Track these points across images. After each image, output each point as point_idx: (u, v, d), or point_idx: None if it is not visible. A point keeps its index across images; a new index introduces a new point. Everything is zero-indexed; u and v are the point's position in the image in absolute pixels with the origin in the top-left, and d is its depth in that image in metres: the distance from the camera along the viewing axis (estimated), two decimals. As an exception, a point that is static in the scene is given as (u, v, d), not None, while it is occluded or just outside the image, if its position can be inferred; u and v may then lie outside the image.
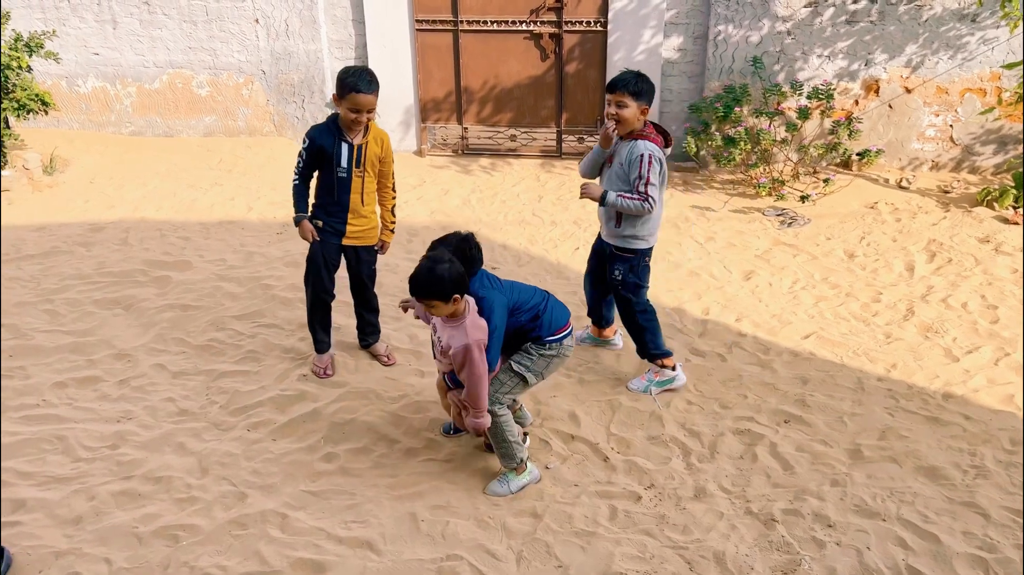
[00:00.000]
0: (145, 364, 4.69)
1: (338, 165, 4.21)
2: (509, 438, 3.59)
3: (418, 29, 8.68)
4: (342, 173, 4.23)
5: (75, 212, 7.28)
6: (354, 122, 4.11)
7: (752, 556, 3.27)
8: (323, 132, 4.20)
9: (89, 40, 9.12)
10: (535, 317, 3.57)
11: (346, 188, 4.27)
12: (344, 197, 4.29)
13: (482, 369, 3.34)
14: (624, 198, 4.10)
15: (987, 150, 8.08)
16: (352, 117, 4.08)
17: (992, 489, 3.65)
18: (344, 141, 4.19)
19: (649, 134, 4.19)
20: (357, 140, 4.22)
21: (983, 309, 5.37)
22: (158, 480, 3.68)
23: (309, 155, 4.23)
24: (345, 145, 4.19)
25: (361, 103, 4.04)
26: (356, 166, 4.25)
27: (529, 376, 3.59)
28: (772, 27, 7.99)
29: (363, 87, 4.01)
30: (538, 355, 3.60)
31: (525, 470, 3.69)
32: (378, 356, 4.78)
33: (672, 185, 8.09)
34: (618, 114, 4.08)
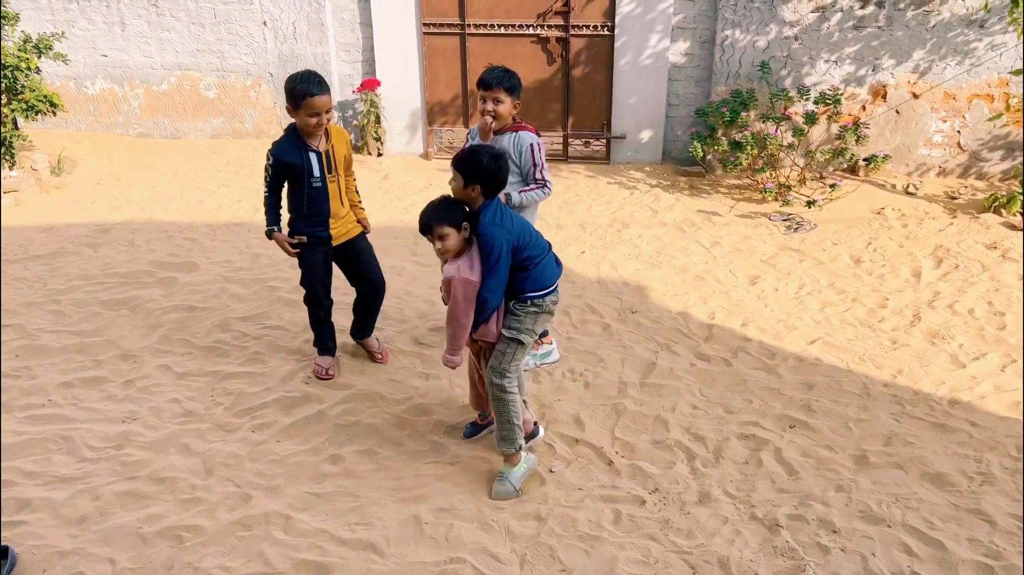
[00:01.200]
0: (150, 365, 4.70)
1: (311, 176, 4.14)
2: (514, 420, 3.62)
3: (425, 32, 8.70)
4: (316, 183, 4.16)
5: (82, 213, 7.31)
6: (316, 127, 4.04)
7: (756, 561, 3.26)
8: (287, 148, 4.11)
9: (97, 42, 9.16)
10: (525, 267, 3.51)
11: (324, 197, 4.21)
12: (324, 206, 4.23)
13: (463, 308, 3.42)
14: (526, 192, 4.28)
15: (995, 156, 8.06)
16: (313, 122, 4.01)
17: (998, 496, 3.63)
18: (311, 151, 4.12)
19: (524, 124, 4.37)
20: (322, 146, 4.16)
21: (990, 315, 5.35)
22: (162, 481, 3.69)
23: (275, 173, 4.16)
24: (313, 155, 4.13)
25: (318, 105, 3.97)
26: (328, 172, 4.20)
27: (523, 337, 3.59)
28: (779, 32, 7.99)
29: (316, 90, 3.96)
30: (524, 314, 3.57)
31: (520, 459, 3.70)
32: (372, 352, 4.79)
33: (678, 189, 8.09)
34: (495, 110, 4.22)
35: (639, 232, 6.97)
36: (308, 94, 3.95)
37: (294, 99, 3.99)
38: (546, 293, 3.59)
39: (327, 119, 4.08)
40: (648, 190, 8.06)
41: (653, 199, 7.81)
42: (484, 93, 4.23)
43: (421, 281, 5.92)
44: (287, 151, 4.11)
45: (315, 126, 4.05)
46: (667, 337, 5.13)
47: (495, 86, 4.18)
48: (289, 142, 4.13)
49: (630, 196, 7.90)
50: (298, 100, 3.97)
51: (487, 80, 4.20)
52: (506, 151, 4.26)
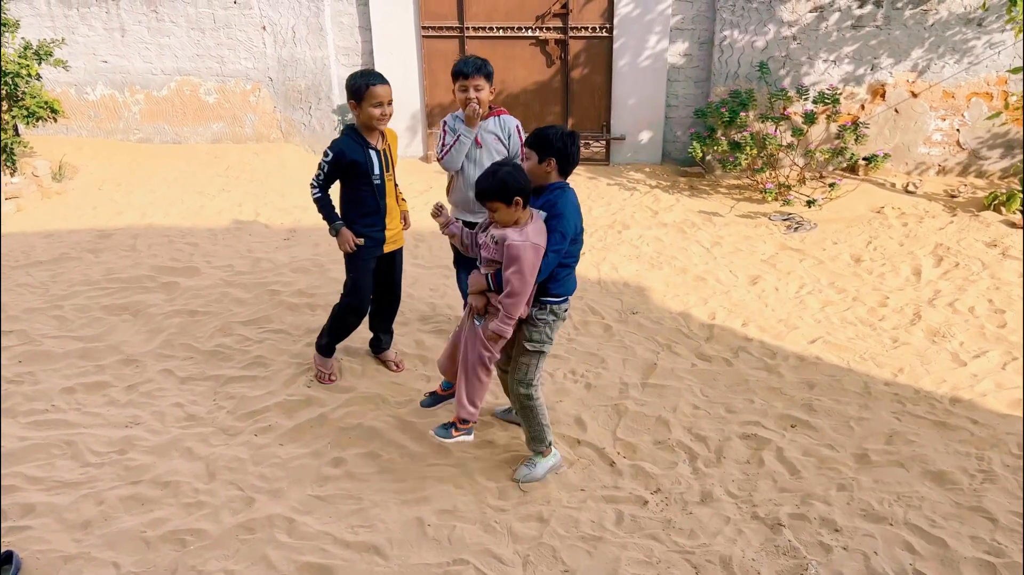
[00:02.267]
0: (153, 369, 4.72)
1: (373, 174, 4.18)
2: (542, 421, 3.70)
3: (424, 36, 8.72)
4: (377, 180, 4.19)
5: (84, 219, 7.33)
6: (380, 118, 4.08)
7: (759, 561, 3.27)
8: (350, 145, 4.12)
9: (98, 48, 9.18)
10: (564, 264, 3.50)
11: (383, 194, 4.24)
12: (382, 203, 4.25)
13: (529, 279, 3.34)
14: None
15: (994, 154, 8.06)
16: (377, 113, 4.05)
17: (1000, 494, 3.63)
18: (372, 149, 4.17)
19: (501, 109, 4.56)
20: (381, 145, 4.22)
21: (990, 313, 5.36)
22: (166, 485, 3.70)
23: (336, 169, 4.13)
24: (374, 153, 4.17)
25: (381, 95, 4.04)
26: (387, 171, 4.25)
27: (545, 347, 3.61)
28: (778, 32, 8.00)
29: (377, 80, 4.04)
30: (544, 324, 3.55)
31: (551, 453, 3.78)
32: (387, 362, 4.78)
33: (678, 190, 8.10)
34: (477, 97, 4.33)
35: (639, 233, 6.98)
36: (369, 84, 4.01)
37: (357, 93, 4.04)
38: (561, 300, 3.58)
39: (390, 112, 4.12)
40: (648, 191, 8.07)
41: (653, 200, 7.82)
42: (464, 83, 4.33)
43: (422, 283, 5.93)
44: (351, 148, 4.12)
45: (379, 117, 4.08)
46: (668, 338, 5.14)
47: (474, 74, 4.31)
48: (351, 140, 4.15)
49: (630, 197, 7.91)
50: (361, 92, 4.02)
51: (465, 70, 4.32)
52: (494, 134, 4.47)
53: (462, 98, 4.37)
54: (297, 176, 8.63)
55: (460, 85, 4.35)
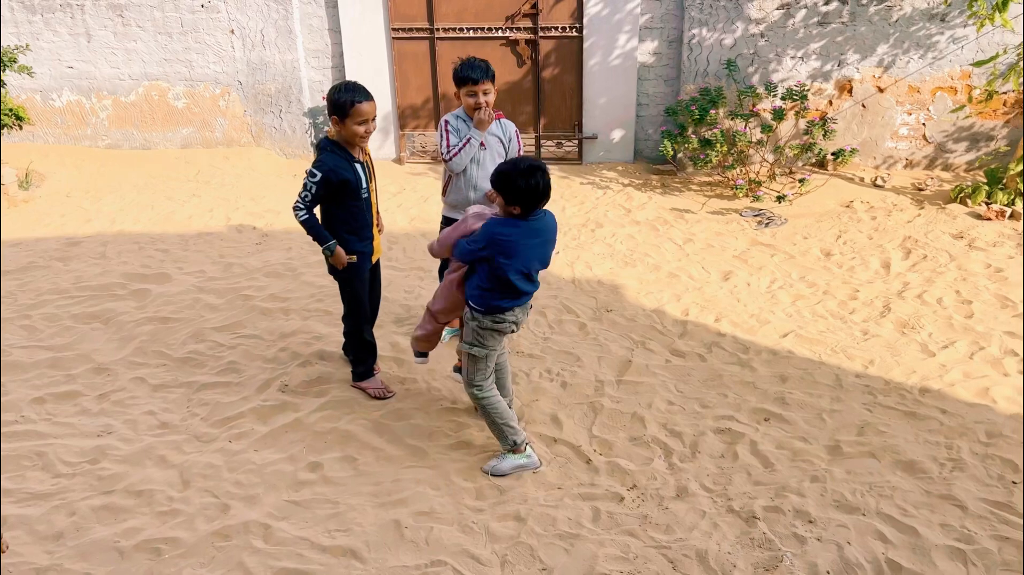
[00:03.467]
0: (125, 378, 4.67)
1: (361, 188, 4.10)
2: (497, 420, 3.74)
3: (394, 37, 8.70)
4: (364, 194, 4.13)
5: (51, 227, 7.23)
6: (364, 135, 3.99)
7: (734, 554, 3.30)
8: (338, 163, 4.00)
9: (63, 53, 9.07)
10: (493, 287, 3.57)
11: (370, 207, 4.20)
12: (370, 216, 4.21)
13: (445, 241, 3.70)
14: None
15: (959, 147, 8.19)
16: (362, 130, 3.96)
17: (969, 481, 3.69)
18: (357, 163, 4.08)
19: (498, 112, 4.56)
20: (363, 157, 4.15)
21: (958, 304, 5.44)
22: (139, 494, 3.67)
23: (324, 189, 3.98)
24: (360, 167, 4.09)
25: (367, 112, 3.95)
26: (370, 182, 4.20)
27: (475, 350, 3.68)
28: (746, 29, 8.07)
29: (363, 98, 3.93)
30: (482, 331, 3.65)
31: (524, 452, 3.81)
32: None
33: (650, 188, 8.15)
34: (487, 101, 4.34)
35: (613, 231, 7.01)
36: (355, 101, 3.90)
37: (340, 109, 3.91)
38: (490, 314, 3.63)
39: (373, 128, 4.05)
40: (621, 189, 8.11)
41: (626, 198, 7.85)
42: (472, 88, 4.28)
43: (396, 286, 5.92)
44: (339, 166, 4.00)
45: (363, 135, 4.00)
46: (642, 334, 5.16)
47: (482, 79, 4.26)
48: (338, 157, 4.02)
49: (603, 196, 7.94)
50: (345, 108, 3.91)
51: (473, 76, 4.25)
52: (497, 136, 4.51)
53: (470, 103, 4.33)
54: (268, 180, 8.57)
55: (468, 91, 4.29)
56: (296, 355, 4.87)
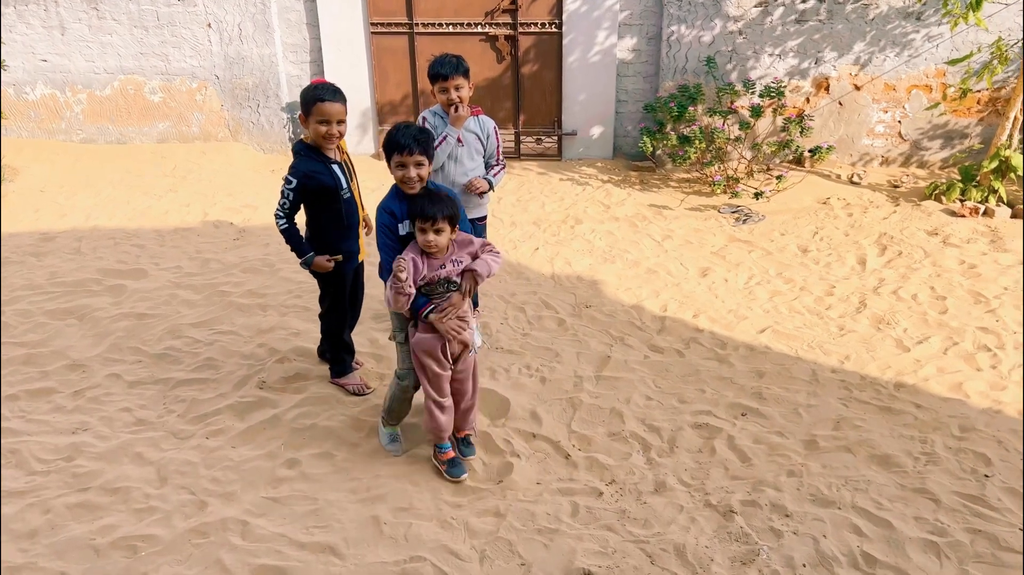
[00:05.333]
0: (100, 374, 4.62)
1: (341, 189, 4.02)
2: (392, 404, 3.91)
3: (373, 32, 8.66)
4: (346, 195, 4.05)
5: (25, 222, 7.14)
6: (325, 136, 3.86)
7: (712, 547, 3.32)
8: (312, 166, 3.94)
9: (36, 46, 8.95)
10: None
11: (353, 207, 4.12)
12: (355, 217, 4.15)
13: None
14: (497, 174, 4.61)
15: (934, 145, 8.28)
16: (323, 131, 3.85)
17: (942, 475, 3.74)
18: (334, 164, 4.00)
19: (476, 107, 4.57)
20: (340, 157, 4.06)
21: (932, 300, 5.51)
22: (115, 491, 3.63)
23: (303, 195, 3.96)
24: (337, 167, 4.01)
25: (328, 112, 3.82)
26: (351, 180, 4.12)
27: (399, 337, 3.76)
28: (724, 27, 8.11)
29: (328, 96, 3.82)
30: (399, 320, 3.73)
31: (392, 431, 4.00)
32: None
33: (629, 184, 8.17)
34: (459, 97, 4.33)
35: (592, 228, 7.03)
36: (319, 99, 3.80)
37: (305, 106, 3.85)
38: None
39: (339, 131, 3.91)
40: (600, 186, 8.12)
41: (605, 195, 7.87)
42: (444, 84, 4.28)
43: (375, 281, 5.87)
44: (316, 171, 3.94)
45: (324, 136, 3.87)
46: (621, 330, 5.18)
47: (453, 74, 4.25)
48: (312, 161, 3.95)
49: (582, 192, 7.96)
50: (309, 106, 3.83)
51: (443, 72, 4.26)
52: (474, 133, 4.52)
53: (443, 99, 4.33)
54: (246, 175, 8.51)
55: (440, 87, 4.29)
56: (274, 351, 4.85)
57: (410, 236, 3.54)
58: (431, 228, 3.39)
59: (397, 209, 3.55)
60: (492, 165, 4.66)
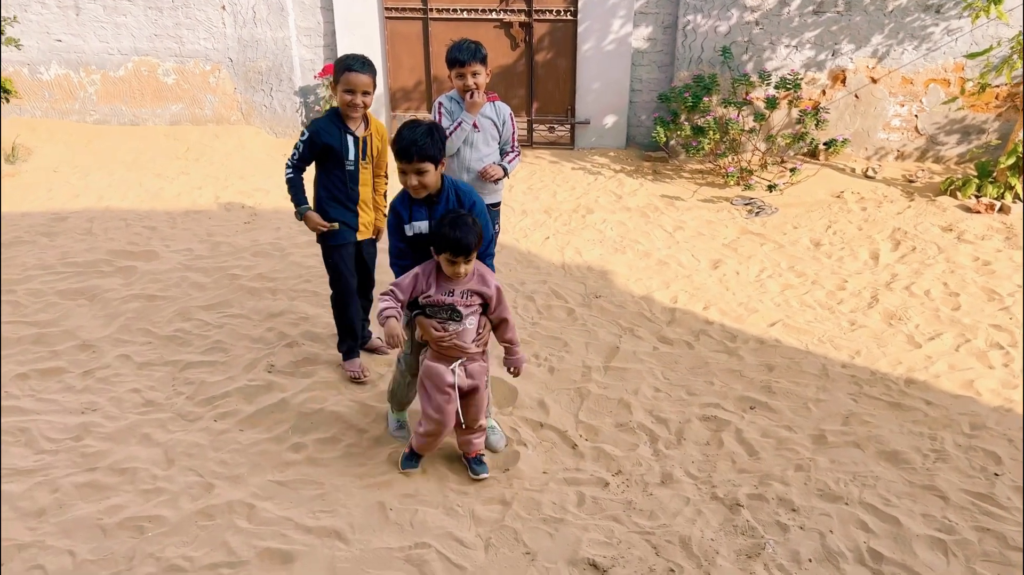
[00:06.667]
0: (110, 355, 4.64)
1: (346, 159, 4.12)
2: (393, 387, 3.92)
3: (387, 17, 8.63)
4: (350, 166, 4.14)
5: (38, 202, 7.17)
6: (349, 105, 4.01)
7: (717, 540, 3.31)
8: (327, 127, 4.09)
9: (51, 26, 8.95)
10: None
11: (355, 180, 4.19)
12: (354, 190, 4.20)
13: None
14: (512, 160, 4.59)
15: (951, 140, 8.20)
16: (348, 99, 4.00)
17: (951, 472, 3.72)
18: (350, 134, 4.11)
19: (492, 94, 4.53)
20: (361, 132, 4.15)
21: (945, 296, 5.46)
22: (123, 471, 3.65)
23: (310, 149, 4.10)
24: (351, 138, 4.11)
25: (353, 82, 3.97)
26: (362, 158, 4.18)
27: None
28: (741, 17, 8.04)
29: (356, 67, 3.96)
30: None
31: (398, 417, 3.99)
32: (375, 350, 4.71)
33: (641, 174, 8.13)
34: (476, 83, 4.31)
35: (603, 217, 7.00)
36: (348, 68, 3.96)
37: (336, 73, 4.00)
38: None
39: (363, 103, 4.04)
40: (612, 175, 8.09)
41: (617, 184, 7.84)
42: (461, 70, 4.28)
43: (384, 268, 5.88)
44: (326, 130, 4.09)
45: (349, 105, 4.01)
46: (630, 321, 5.16)
47: (471, 61, 4.25)
48: (329, 121, 4.11)
49: (594, 181, 7.93)
50: (338, 74, 3.98)
51: (461, 57, 4.25)
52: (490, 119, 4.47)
53: (460, 85, 4.33)
54: (258, 159, 8.51)
55: (457, 72, 4.29)
56: (283, 335, 4.85)
57: (418, 237, 3.50)
58: (463, 261, 3.30)
59: (405, 212, 3.52)
60: (507, 152, 4.64)
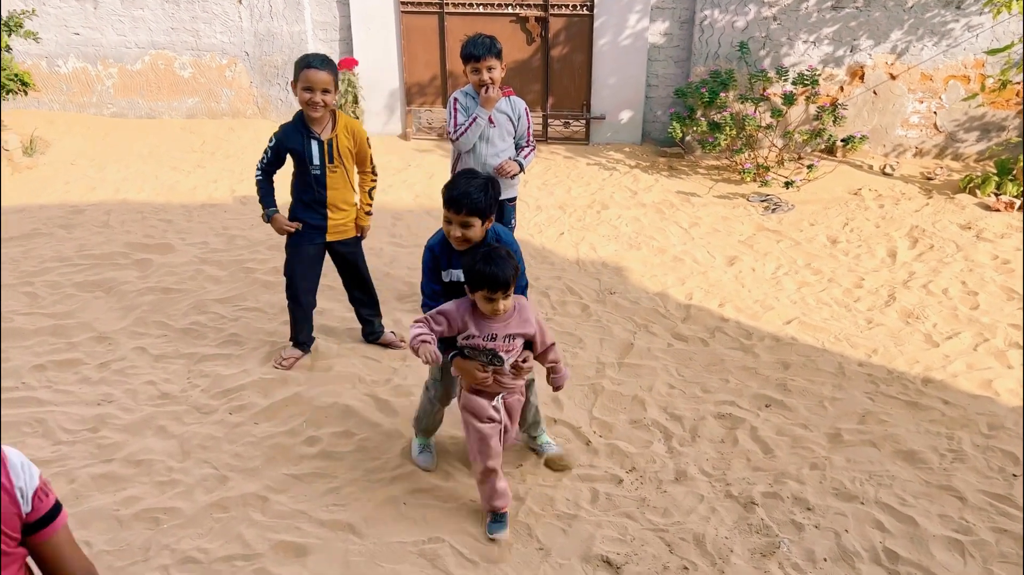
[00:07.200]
0: (126, 347, 4.67)
1: (311, 163, 4.11)
2: (418, 411, 3.72)
3: (404, 12, 8.62)
4: (316, 171, 4.13)
5: (55, 194, 7.21)
6: (309, 103, 3.96)
7: (732, 538, 3.30)
8: (291, 132, 4.10)
9: (69, 20, 9.00)
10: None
11: (322, 184, 4.17)
12: (321, 193, 4.19)
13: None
14: (527, 155, 4.58)
15: (970, 137, 8.12)
16: (307, 97, 3.94)
17: (969, 473, 3.68)
18: (313, 138, 4.08)
19: (508, 88, 4.55)
20: (325, 135, 4.10)
21: (963, 295, 5.41)
22: (139, 463, 3.67)
23: (276, 155, 4.16)
24: (314, 142, 4.08)
25: (311, 79, 3.91)
26: (329, 162, 4.13)
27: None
28: (758, 12, 7.99)
29: (316, 64, 3.92)
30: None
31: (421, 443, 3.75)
32: (389, 344, 4.70)
33: (657, 170, 8.10)
34: (491, 78, 4.32)
35: (618, 213, 6.98)
36: (307, 65, 3.93)
37: (295, 72, 3.98)
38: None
39: (323, 100, 3.98)
40: (627, 171, 8.06)
41: (632, 180, 7.81)
42: (476, 64, 4.29)
43: (399, 262, 5.90)
44: (289, 136, 4.10)
45: (308, 103, 3.97)
46: (645, 318, 5.15)
47: (486, 55, 4.25)
48: (293, 127, 4.11)
49: (609, 177, 7.90)
50: (297, 72, 3.96)
51: (476, 52, 4.26)
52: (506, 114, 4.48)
53: (475, 80, 4.35)
54: (274, 153, 8.52)
55: (472, 67, 4.31)
56: (298, 329, 4.86)
57: (455, 283, 3.31)
58: (502, 297, 3.03)
59: (444, 258, 3.32)
60: (523, 146, 4.63)
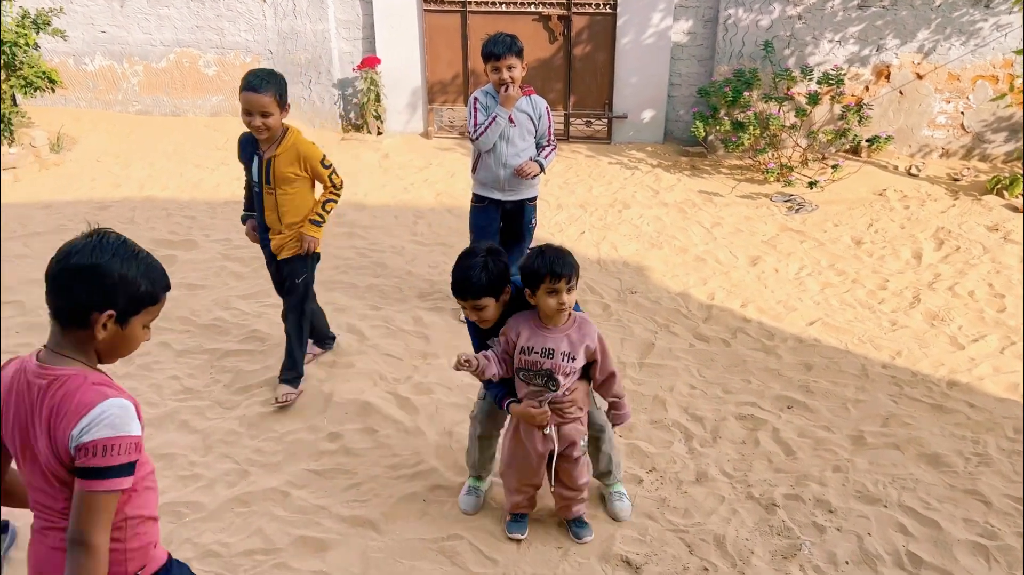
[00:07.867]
0: (150, 342, 4.70)
1: (253, 179, 3.92)
2: (469, 445, 3.50)
3: (426, 10, 8.64)
4: (256, 188, 3.92)
5: (81, 190, 7.29)
6: (249, 127, 3.70)
7: (752, 540, 3.28)
8: (244, 143, 3.91)
9: (96, 18, 9.10)
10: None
11: (260, 202, 3.95)
12: (260, 213, 3.98)
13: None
14: (548, 155, 4.58)
15: (998, 138, 8.01)
16: (245, 120, 3.67)
17: (994, 477, 3.64)
18: (256, 153, 3.84)
19: (528, 87, 4.55)
20: (268, 153, 3.81)
21: (990, 297, 5.35)
22: (161, 457, 3.70)
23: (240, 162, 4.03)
24: (256, 158, 3.85)
25: (250, 102, 3.59)
26: (266, 182, 3.86)
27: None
28: (783, 11, 7.93)
29: (253, 84, 3.58)
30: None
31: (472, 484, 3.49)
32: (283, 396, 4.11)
33: (679, 169, 8.06)
34: (511, 77, 4.32)
35: (640, 212, 6.95)
36: (244, 87, 3.61)
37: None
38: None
39: (264, 124, 3.66)
40: (649, 170, 8.03)
41: (654, 179, 7.78)
42: (496, 63, 4.29)
43: (420, 261, 5.91)
44: (243, 146, 3.94)
45: (249, 127, 3.71)
46: (666, 318, 5.12)
47: (506, 54, 4.26)
48: (247, 138, 3.90)
49: (631, 176, 7.87)
50: (240, 91, 3.66)
51: (496, 51, 4.27)
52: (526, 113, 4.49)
53: (495, 79, 4.35)
54: (297, 150, 8.57)
55: (492, 66, 4.31)
56: (319, 326, 4.89)
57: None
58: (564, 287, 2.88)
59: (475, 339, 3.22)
60: (543, 146, 4.62)
